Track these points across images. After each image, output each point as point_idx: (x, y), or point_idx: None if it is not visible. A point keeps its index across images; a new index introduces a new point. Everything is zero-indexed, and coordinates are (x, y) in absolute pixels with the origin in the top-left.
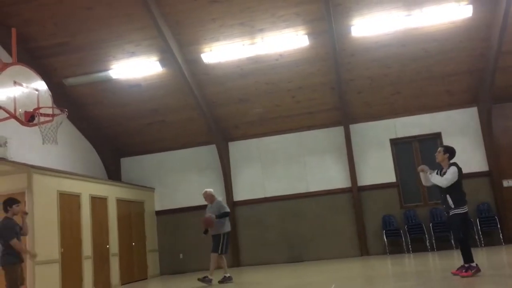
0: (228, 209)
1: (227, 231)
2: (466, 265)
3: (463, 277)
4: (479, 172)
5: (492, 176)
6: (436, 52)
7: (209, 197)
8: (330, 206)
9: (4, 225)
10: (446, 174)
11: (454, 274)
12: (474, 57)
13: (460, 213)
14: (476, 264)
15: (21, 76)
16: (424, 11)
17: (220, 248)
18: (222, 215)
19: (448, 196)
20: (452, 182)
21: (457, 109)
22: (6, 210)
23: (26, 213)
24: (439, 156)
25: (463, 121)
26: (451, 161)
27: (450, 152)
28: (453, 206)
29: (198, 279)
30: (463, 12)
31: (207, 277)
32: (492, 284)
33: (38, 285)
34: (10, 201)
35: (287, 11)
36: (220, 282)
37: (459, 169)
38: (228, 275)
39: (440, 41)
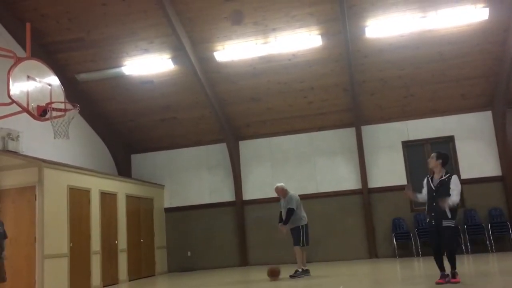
0: (292, 206)
1: (305, 223)
2: (453, 272)
3: (455, 283)
4: (492, 177)
5: (505, 181)
6: (451, 55)
7: (280, 191)
8: (340, 207)
9: None
10: (452, 185)
11: (438, 283)
12: (490, 60)
13: (453, 227)
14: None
15: (34, 70)
16: (439, 13)
17: (301, 240)
18: (286, 215)
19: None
20: (459, 193)
21: (471, 112)
22: None
23: None
24: (432, 162)
25: (476, 125)
26: (450, 172)
27: (443, 158)
28: (449, 217)
29: (290, 276)
30: (479, 15)
31: (297, 271)
32: None
33: (46, 279)
34: None
35: (301, 11)
36: (292, 276)
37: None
38: (304, 268)
39: (455, 44)
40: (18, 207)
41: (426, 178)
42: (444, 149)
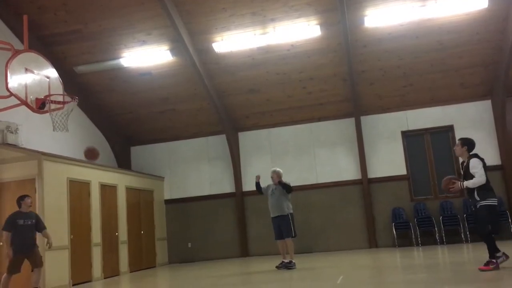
0: (291, 184)
1: (292, 211)
2: (488, 260)
3: (481, 270)
4: (491, 166)
5: (504, 170)
6: (451, 44)
7: (277, 177)
8: (340, 198)
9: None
10: (471, 169)
11: (480, 269)
12: (489, 49)
13: (487, 205)
14: (497, 260)
15: (32, 63)
16: (438, 2)
17: (293, 230)
18: (288, 185)
19: (474, 189)
20: (483, 173)
21: (470, 102)
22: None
23: None
24: (458, 149)
25: (476, 114)
26: (471, 153)
27: (468, 144)
28: (478, 199)
29: (286, 267)
30: (479, 3)
31: (291, 261)
32: (504, 279)
33: (47, 271)
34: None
35: (299, 1)
36: (289, 268)
37: (481, 159)
38: (286, 260)
39: (455, 33)
40: None
41: (460, 165)
42: (444, 138)
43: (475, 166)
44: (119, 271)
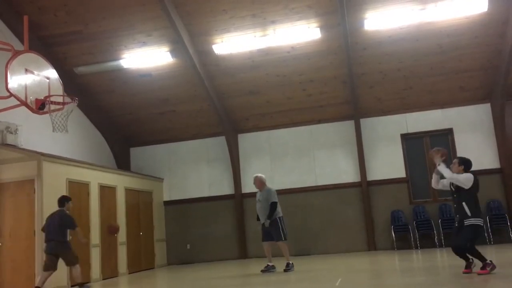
0: (275, 199)
1: (279, 215)
2: (483, 263)
3: (479, 274)
4: (490, 169)
5: (503, 173)
6: (450, 48)
7: (258, 182)
8: (339, 200)
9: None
10: (459, 176)
11: (479, 274)
12: (489, 53)
13: (476, 224)
14: (491, 261)
15: (32, 64)
16: (438, 6)
17: (283, 233)
18: (270, 209)
19: (464, 204)
20: (464, 185)
21: (470, 105)
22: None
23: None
24: (454, 167)
25: (475, 118)
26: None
27: (465, 163)
28: (469, 215)
29: (284, 270)
30: (479, 7)
31: (289, 263)
32: (502, 282)
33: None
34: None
35: (300, 3)
36: (286, 270)
37: (475, 178)
38: (271, 264)
39: (455, 36)
40: (17, 201)
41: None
42: (443, 141)
43: (463, 176)
44: (118, 272)
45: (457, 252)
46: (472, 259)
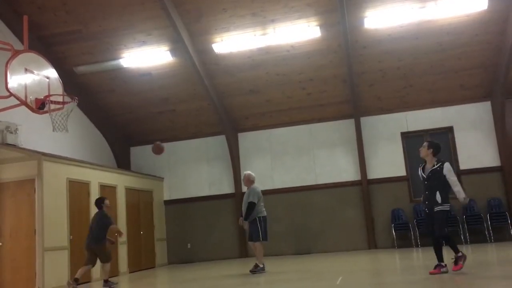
0: (254, 200)
1: (260, 215)
2: (456, 256)
3: (455, 270)
4: (490, 167)
5: (504, 171)
6: (450, 46)
7: (245, 180)
8: (339, 198)
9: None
10: (448, 177)
11: (432, 273)
12: (489, 51)
13: (445, 210)
14: (462, 253)
15: (32, 63)
16: (438, 4)
17: (260, 234)
18: (247, 209)
19: (438, 192)
20: (451, 179)
21: (470, 103)
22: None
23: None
24: (423, 151)
25: (475, 116)
26: (440, 159)
27: (434, 147)
28: (440, 202)
29: (251, 271)
30: (479, 5)
31: (258, 266)
32: (505, 281)
33: (47, 272)
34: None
35: (299, 2)
36: (252, 271)
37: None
38: (262, 265)
39: (454, 35)
40: (17, 200)
41: (419, 168)
42: (444, 139)
43: (448, 170)
44: (119, 271)
45: (438, 242)
46: (445, 264)
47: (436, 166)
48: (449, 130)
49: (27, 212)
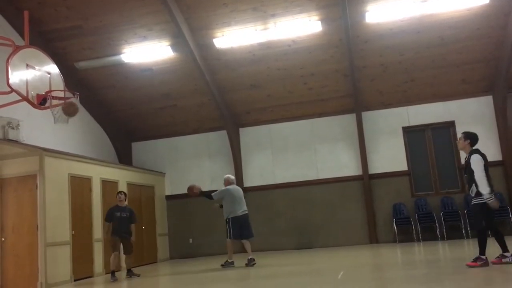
0: (214, 197)
1: (230, 216)
2: (477, 256)
3: (469, 266)
4: (492, 162)
5: (505, 165)
6: (452, 40)
7: (224, 182)
8: (341, 193)
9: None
10: (471, 166)
11: (468, 265)
12: (491, 45)
13: (480, 203)
14: (486, 258)
15: (33, 59)
16: None
17: (227, 233)
18: (208, 195)
19: (473, 185)
20: (483, 169)
21: (472, 97)
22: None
23: None
24: (460, 143)
25: (477, 110)
26: (473, 148)
27: (471, 138)
28: (474, 195)
29: (221, 265)
30: None
31: (227, 261)
32: (507, 275)
33: (49, 267)
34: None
35: None
36: (222, 265)
37: (482, 155)
38: (250, 256)
39: (456, 29)
40: (19, 196)
41: (465, 161)
42: (445, 134)
43: (473, 163)
44: (121, 266)
45: (482, 234)
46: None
47: (467, 158)
48: (451, 124)
49: (29, 208)
